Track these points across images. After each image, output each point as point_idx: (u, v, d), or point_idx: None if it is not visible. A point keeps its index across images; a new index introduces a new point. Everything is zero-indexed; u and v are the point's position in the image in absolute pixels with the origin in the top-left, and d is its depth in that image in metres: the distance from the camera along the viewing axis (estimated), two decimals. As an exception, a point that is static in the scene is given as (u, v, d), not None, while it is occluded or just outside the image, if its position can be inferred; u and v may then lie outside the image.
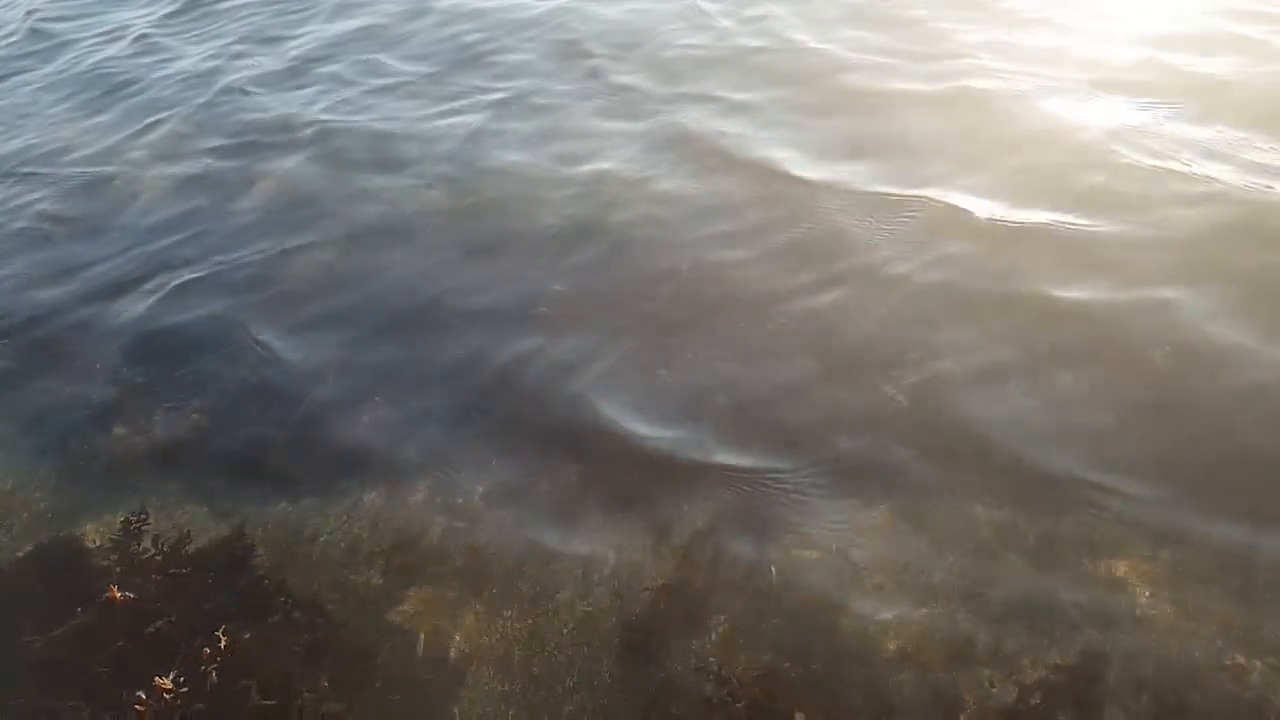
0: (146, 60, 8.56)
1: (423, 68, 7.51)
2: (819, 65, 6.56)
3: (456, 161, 6.06)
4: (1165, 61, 5.92)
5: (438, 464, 3.98)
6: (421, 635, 3.34)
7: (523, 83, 6.98)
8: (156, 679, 2.86)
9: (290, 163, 6.33)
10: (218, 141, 6.82)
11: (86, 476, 4.11)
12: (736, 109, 6.18)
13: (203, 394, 4.48)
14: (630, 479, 3.79)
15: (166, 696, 2.86)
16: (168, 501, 3.95)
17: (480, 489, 3.86)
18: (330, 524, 3.79)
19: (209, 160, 6.59)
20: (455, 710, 3.10)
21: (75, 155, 6.99)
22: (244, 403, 4.42)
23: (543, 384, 4.27)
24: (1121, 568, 3.18)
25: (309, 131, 6.67)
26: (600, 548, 3.55)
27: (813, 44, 6.88)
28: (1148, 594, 3.09)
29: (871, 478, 3.63)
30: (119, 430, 4.33)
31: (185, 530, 3.76)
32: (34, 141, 7.31)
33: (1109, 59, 6.09)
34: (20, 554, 3.68)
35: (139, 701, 2.85)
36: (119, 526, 3.66)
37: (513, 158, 5.98)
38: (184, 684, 2.95)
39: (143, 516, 3.65)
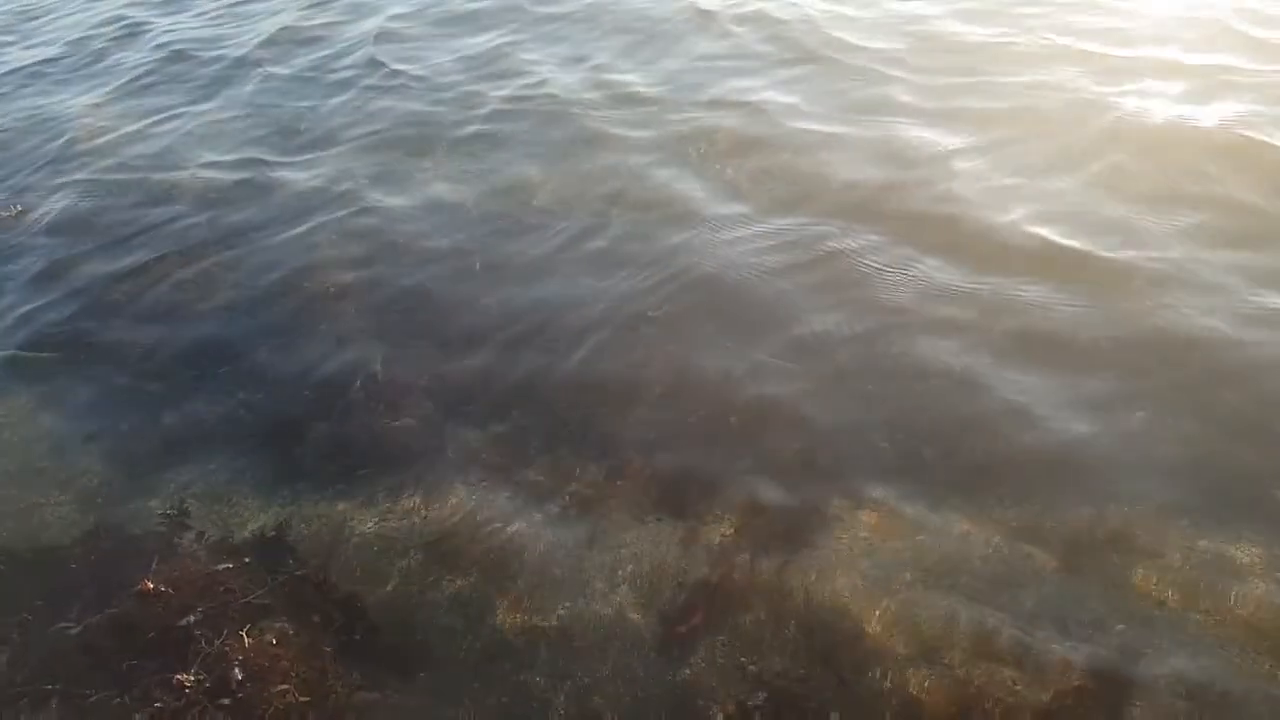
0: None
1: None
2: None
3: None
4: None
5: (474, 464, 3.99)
6: (456, 629, 3.33)
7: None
8: (179, 675, 2.87)
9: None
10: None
11: (133, 465, 4.18)
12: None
13: (248, 387, 4.54)
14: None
15: (189, 691, 2.86)
16: (210, 493, 4.00)
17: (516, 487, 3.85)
18: (370, 519, 3.79)
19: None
20: (492, 703, 3.08)
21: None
22: (287, 398, 4.48)
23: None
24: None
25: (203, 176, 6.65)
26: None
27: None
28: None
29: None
30: (166, 419, 4.40)
31: (226, 522, 3.79)
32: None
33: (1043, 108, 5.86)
34: (66, 539, 3.75)
35: (166, 694, 2.86)
36: (161, 516, 3.72)
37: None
38: (211, 677, 2.95)
39: (185, 507, 3.68)
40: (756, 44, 7.50)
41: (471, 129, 6.77)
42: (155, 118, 7.70)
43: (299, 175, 6.48)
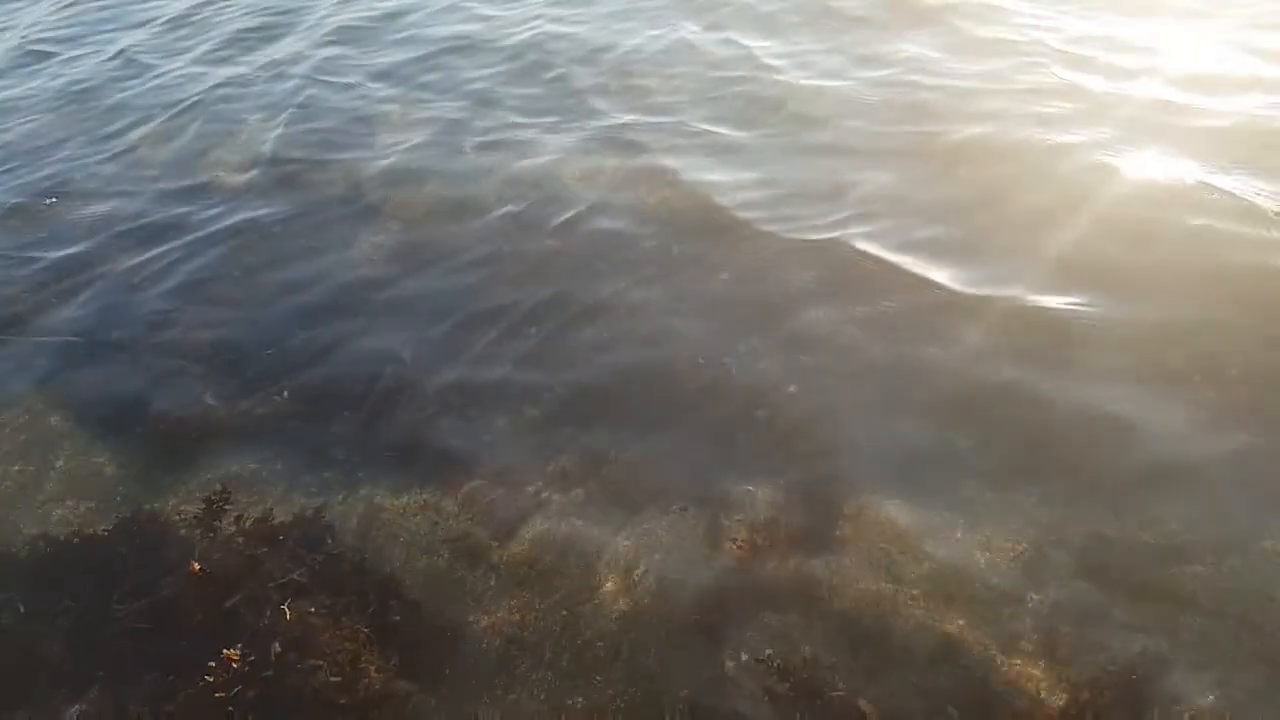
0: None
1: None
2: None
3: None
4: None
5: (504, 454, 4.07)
6: (487, 622, 3.38)
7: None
8: (225, 651, 2.95)
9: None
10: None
11: (172, 449, 4.27)
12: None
13: (286, 374, 4.64)
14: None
15: (235, 668, 2.94)
16: (249, 477, 4.09)
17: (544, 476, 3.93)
18: (406, 507, 3.87)
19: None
20: (516, 697, 3.12)
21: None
22: (325, 384, 4.58)
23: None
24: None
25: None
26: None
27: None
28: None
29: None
30: (203, 405, 4.49)
31: (266, 506, 3.88)
32: None
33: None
34: (111, 523, 3.83)
35: (211, 673, 2.93)
36: (202, 501, 3.78)
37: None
38: (254, 658, 3.03)
39: (225, 492, 3.76)
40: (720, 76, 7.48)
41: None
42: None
43: (323, 173, 6.66)
